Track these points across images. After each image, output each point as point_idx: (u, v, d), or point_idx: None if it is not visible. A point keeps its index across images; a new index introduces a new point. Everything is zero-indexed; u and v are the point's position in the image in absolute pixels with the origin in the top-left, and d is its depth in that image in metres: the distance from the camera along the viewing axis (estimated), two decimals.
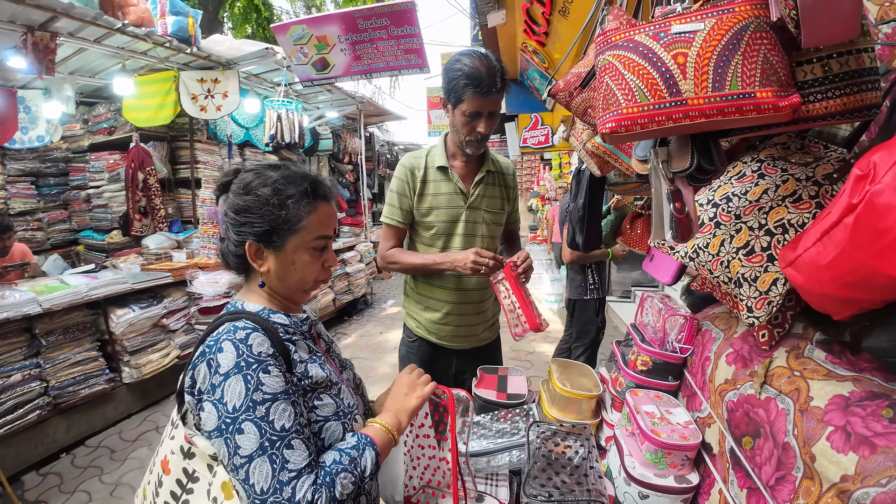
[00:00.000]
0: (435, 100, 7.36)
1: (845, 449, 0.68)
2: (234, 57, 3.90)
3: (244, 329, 0.79)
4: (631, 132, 0.74)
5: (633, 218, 1.53)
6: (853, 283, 0.66)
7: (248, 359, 0.76)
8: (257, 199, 0.86)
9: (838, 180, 0.88)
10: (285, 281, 0.91)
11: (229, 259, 0.92)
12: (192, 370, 0.79)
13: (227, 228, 0.89)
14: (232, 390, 0.74)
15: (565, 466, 0.99)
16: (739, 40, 0.67)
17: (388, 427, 0.89)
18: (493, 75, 1.40)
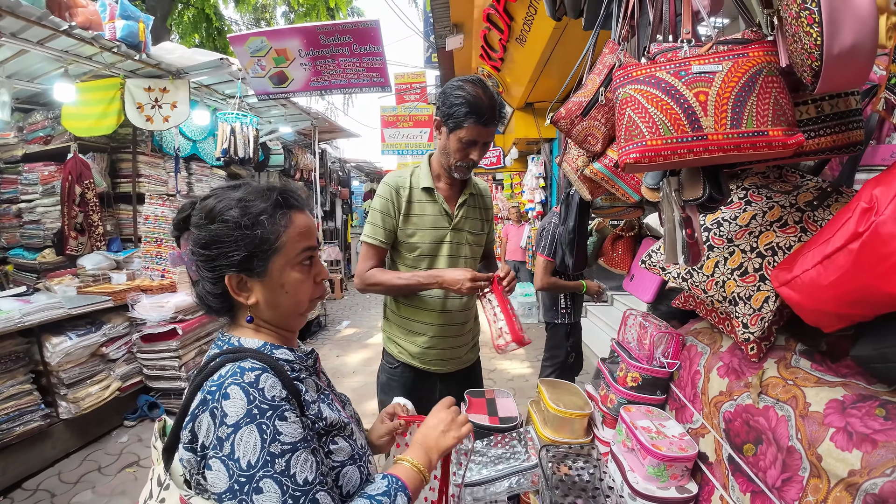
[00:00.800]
0: (390, 118, 7.39)
1: (849, 447, 0.75)
2: (185, 66, 3.73)
3: (252, 370, 0.69)
4: (654, 162, 0.80)
5: (613, 239, 1.62)
6: (854, 301, 0.75)
7: (260, 405, 0.67)
8: (226, 225, 0.76)
9: (818, 207, 0.99)
10: (278, 308, 0.82)
11: (209, 301, 0.80)
12: (192, 422, 0.68)
13: (197, 268, 0.78)
14: (245, 444, 0.65)
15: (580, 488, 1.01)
16: (754, 83, 0.75)
17: (420, 467, 0.81)
18: (494, 107, 1.45)
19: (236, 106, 4.16)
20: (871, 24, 0.59)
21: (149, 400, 3.39)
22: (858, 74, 0.65)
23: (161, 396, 3.45)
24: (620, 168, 0.84)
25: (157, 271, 3.73)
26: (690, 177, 0.87)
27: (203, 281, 0.79)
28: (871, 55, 0.63)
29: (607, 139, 1.13)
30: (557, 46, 4.05)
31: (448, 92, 1.47)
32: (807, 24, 0.62)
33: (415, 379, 1.71)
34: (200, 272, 0.78)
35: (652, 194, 0.97)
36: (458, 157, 1.51)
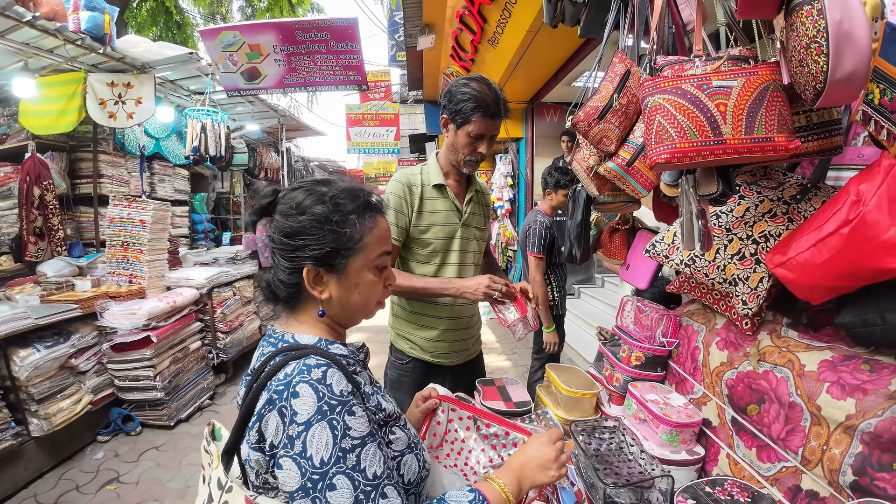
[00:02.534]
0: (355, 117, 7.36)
1: (843, 396, 0.91)
2: (151, 60, 3.58)
3: (318, 367, 0.70)
4: (681, 162, 0.93)
5: (610, 232, 1.76)
6: (843, 275, 0.91)
7: (330, 401, 0.68)
8: (314, 219, 0.78)
9: (801, 200, 1.16)
10: (347, 308, 0.84)
11: (278, 290, 0.82)
12: (259, 422, 0.69)
13: (274, 256, 0.80)
14: (317, 441, 0.65)
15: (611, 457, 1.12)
16: (763, 97, 0.89)
17: (510, 495, 0.77)
18: (499, 101, 1.53)
19: (205, 102, 4.02)
20: (868, 55, 0.74)
21: (122, 413, 3.24)
22: (852, 95, 0.80)
23: (135, 408, 3.31)
24: (650, 166, 0.96)
25: (124, 277, 3.57)
26: (705, 175, 1.01)
27: (278, 269, 0.80)
28: (865, 80, 0.78)
29: (620, 140, 1.26)
30: (528, 50, 4.21)
31: (454, 90, 1.54)
32: (815, 55, 0.76)
33: (426, 373, 1.78)
34: (277, 260, 0.79)
35: (671, 190, 1.10)
36: (468, 152, 1.59)
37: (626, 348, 1.59)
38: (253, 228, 0.82)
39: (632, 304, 1.71)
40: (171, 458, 2.99)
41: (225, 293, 4.01)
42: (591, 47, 4.10)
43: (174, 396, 3.34)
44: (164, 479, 2.78)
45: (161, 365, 3.25)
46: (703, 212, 1.03)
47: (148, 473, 2.83)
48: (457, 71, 5.56)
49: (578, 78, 5.03)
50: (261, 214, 0.81)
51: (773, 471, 1.05)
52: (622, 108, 1.22)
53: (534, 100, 6.18)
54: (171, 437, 3.22)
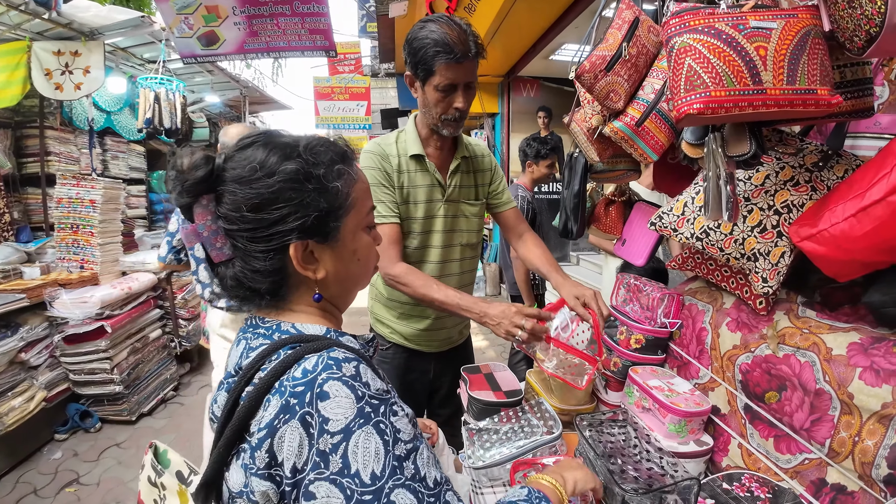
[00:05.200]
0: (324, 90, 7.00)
1: (878, 383, 0.81)
2: (100, 26, 3.23)
3: (348, 361, 0.56)
4: (716, 114, 0.79)
5: (605, 205, 1.64)
6: (886, 250, 0.80)
7: (371, 400, 0.54)
8: (290, 179, 0.60)
9: (823, 168, 1.05)
10: (346, 281, 0.70)
11: (255, 283, 0.63)
12: (270, 438, 0.52)
13: (240, 242, 0.62)
14: (364, 451, 0.51)
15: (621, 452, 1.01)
16: (805, 43, 0.76)
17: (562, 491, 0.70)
18: (466, 39, 1.24)
19: (159, 70, 3.68)
20: None
21: (80, 409, 3.02)
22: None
23: (93, 403, 3.08)
24: (677, 120, 0.83)
25: (74, 262, 3.27)
26: (735, 133, 0.88)
27: (247, 257, 0.62)
28: None
29: (628, 96, 1.12)
30: (507, 19, 4.01)
31: (410, 38, 1.28)
32: None
33: (408, 359, 1.63)
34: (245, 246, 0.61)
35: (694, 150, 0.97)
36: (441, 110, 1.32)
37: (624, 330, 1.48)
38: (189, 214, 0.61)
39: (628, 282, 1.60)
40: (133, 455, 2.80)
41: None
42: (572, 17, 3.93)
43: (134, 389, 3.12)
44: (126, 478, 2.60)
45: (118, 356, 3.02)
46: (731, 176, 0.90)
47: (109, 473, 2.65)
48: None
49: (557, 51, 4.86)
50: (197, 193, 0.60)
51: (794, 463, 0.96)
52: (632, 59, 1.08)
53: (510, 73, 5.99)
54: (133, 433, 3.03)
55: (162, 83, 3.66)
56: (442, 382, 1.71)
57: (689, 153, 0.98)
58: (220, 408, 0.61)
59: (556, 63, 5.22)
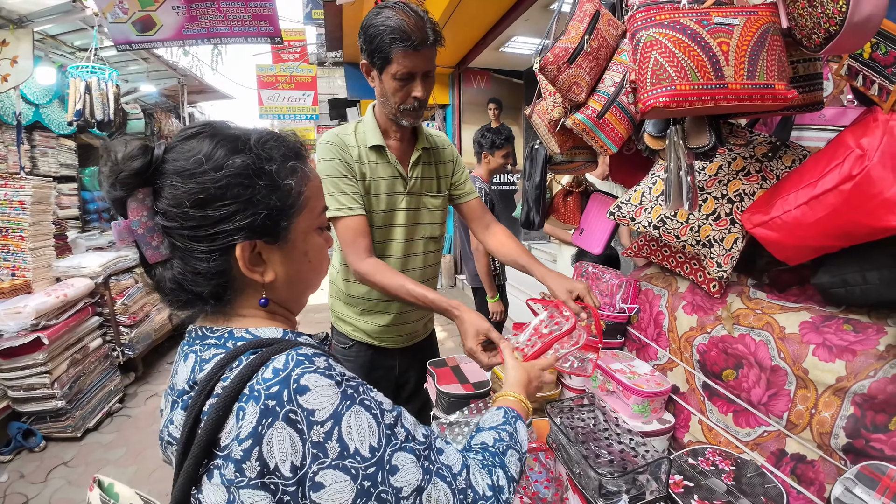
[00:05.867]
0: (268, 79, 6.68)
1: (831, 358, 0.88)
2: (29, 12, 2.93)
3: (316, 356, 0.55)
4: (680, 107, 0.82)
5: (564, 195, 1.67)
6: (836, 235, 0.86)
7: (349, 382, 0.55)
8: (239, 174, 0.56)
9: (773, 158, 1.11)
10: (297, 285, 0.67)
11: (196, 286, 0.58)
12: (256, 447, 0.49)
13: (181, 240, 0.56)
14: (359, 428, 0.52)
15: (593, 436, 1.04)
16: (764, 39, 0.80)
17: (525, 401, 0.80)
18: (423, 26, 1.20)
19: (90, 59, 3.36)
20: None
21: (22, 427, 2.76)
22: (863, 41, 0.73)
23: (36, 421, 2.83)
24: (642, 112, 0.85)
25: (5, 269, 2.95)
26: (695, 125, 0.91)
27: (188, 258, 0.57)
28: (878, 26, 0.70)
29: (590, 89, 1.13)
30: (458, 10, 3.99)
31: (365, 25, 1.24)
32: None
33: (373, 357, 1.59)
34: (185, 245, 0.56)
35: (656, 142, 1.00)
36: (399, 99, 1.28)
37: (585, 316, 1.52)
38: (122, 209, 0.56)
39: (586, 270, 1.65)
40: (83, 473, 2.61)
41: (125, 281, 3.50)
42: (522, 10, 3.95)
43: (77, 404, 2.89)
44: (77, 498, 2.42)
45: (58, 370, 2.78)
46: (691, 166, 0.93)
47: (60, 493, 2.46)
48: None
49: (507, 42, 4.89)
50: (132, 186, 0.55)
51: (754, 436, 1.02)
52: (593, 52, 1.09)
53: (461, 65, 5.97)
54: (80, 450, 2.81)
55: (94, 72, 3.35)
56: (408, 378, 1.69)
57: (651, 145, 1.01)
58: (178, 428, 0.57)
59: (507, 55, 5.26)
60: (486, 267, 2.76)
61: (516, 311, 4.63)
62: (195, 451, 0.52)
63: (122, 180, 0.54)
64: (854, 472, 0.70)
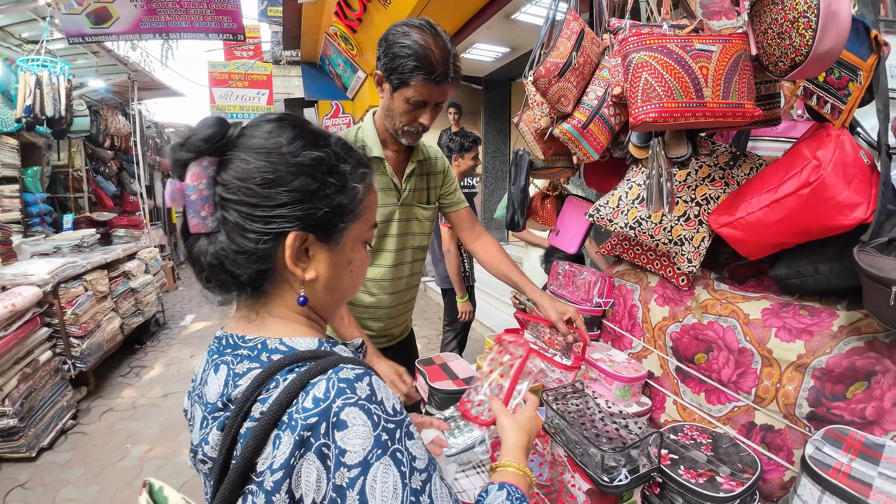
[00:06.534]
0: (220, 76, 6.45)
1: (792, 339, 1.01)
2: None
3: (358, 378, 0.51)
4: (666, 122, 0.92)
5: (541, 198, 1.77)
6: (795, 233, 1.00)
7: (387, 425, 0.50)
8: (314, 166, 0.57)
9: (733, 166, 1.25)
10: (335, 292, 0.65)
11: (237, 267, 0.56)
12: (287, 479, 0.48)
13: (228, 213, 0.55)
14: (382, 486, 0.48)
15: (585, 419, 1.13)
16: (737, 64, 0.92)
17: (528, 473, 0.70)
18: (448, 60, 1.22)
19: (41, 52, 3.13)
20: (845, 35, 0.78)
21: None
22: (823, 69, 0.85)
23: None
24: (633, 126, 0.95)
25: None
26: (675, 138, 1.02)
27: (236, 234, 0.55)
28: (837, 57, 0.83)
29: (576, 101, 1.23)
30: (424, 13, 4.04)
31: (391, 40, 1.22)
32: (802, 28, 0.79)
33: None
34: (237, 222, 0.55)
35: (639, 152, 1.10)
36: (405, 121, 1.31)
37: None
38: (181, 172, 0.55)
39: (563, 268, 1.76)
40: (40, 495, 2.44)
41: (74, 289, 3.29)
42: (484, 19, 4.06)
43: (30, 421, 2.69)
44: None
45: (8, 385, 2.58)
46: (670, 174, 1.05)
47: None
48: (343, 32, 5.15)
49: (468, 49, 5.00)
50: (200, 151, 0.55)
51: (725, 411, 1.15)
52: (579, 68, 1.19)
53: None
54: (36, 470, 2.63)
55: (45, 66, 3.13)
56: None
57: (636, 154, 1.12)
58: (213, 448, 0.55)
59: (467, 61, 5.37)
60: (457, 268, 2.84)
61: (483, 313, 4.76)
62: (233, 476, 0.50)
63: (192, 143, 0.54)
64: (821, 435, 0.83)
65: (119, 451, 2.80)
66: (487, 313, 4.94)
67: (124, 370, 4.03)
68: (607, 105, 1.22)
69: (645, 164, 1.13)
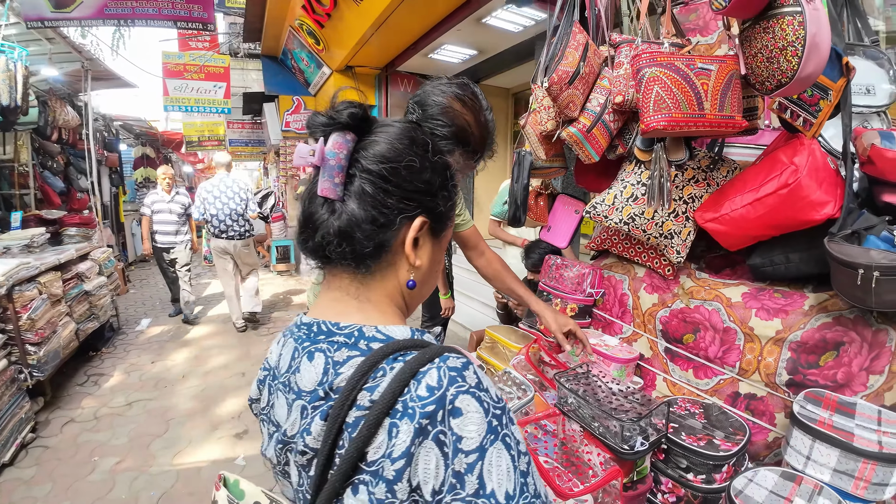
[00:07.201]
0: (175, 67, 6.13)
1: (770, 317, 1.18)
2: None
3: (465, 367, 0.52)
4: (672, 130, 1.06)
5: (535, 196, 1.89)
6: (773, 226, 1.16)
7: (495, 411, 0.51)
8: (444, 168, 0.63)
9: (714, 169, 1.41)
10: (424, 286, 0.68)
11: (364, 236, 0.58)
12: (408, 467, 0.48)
13: (366, 186, 0.57)
14: (497, 470, 0.49)
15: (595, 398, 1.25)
16: (731, 82, 1.06)
17: None
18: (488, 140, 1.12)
19: None
20: (825, 61, 0.93)
21: None
22: (803, 89, 1.00)
23: None
24: (644, 132, 1.07)
25: None
26: (675, 144, 1.16)
27: (372, 205, 0.57)
28: (816, 79, 0.98)
29: (581, 107, 1.35)
30: (392, 16, 4.05)
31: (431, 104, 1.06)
32: (790, 56, 0.93)
33: None
34: (381, 194, 0.57)
35: (643, 155, 1.24)
36: None
37: (558, 302, 1.76)
38: (324, 136, 0.58)
39: (554, 262, 1.89)
40: None
41: (28, 292, 3.08)
42: (455, 21, 4.12)
43: None
44: None
45: None
46: (669, 174, 1.18)
47: None
48: (309, 26, 5.07)
49: (437, 50, 5.06)
50: (345, 125, 0.58)
51: (712, 384, 1.31)
52: (585, 77, 1.30)
53: (388, 67, 6.03)
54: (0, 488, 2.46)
55: (2, 51, 2.89)
56: None
57: (640, 157, 1.25)
58: (316, 438, 0.54)
59: (435, 61, 5.42)
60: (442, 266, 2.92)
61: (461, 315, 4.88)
62: (343, 466, 0.50)
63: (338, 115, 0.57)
64: (802, 397, 0.99)
65: (87, 465, 2.66)
66: (461, 311, 5.05)
67: (81, 378, 3.81)
68: (608, 112, 1.35)
69: (647, 166, 1.27)
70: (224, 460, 2.74)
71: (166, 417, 3.23)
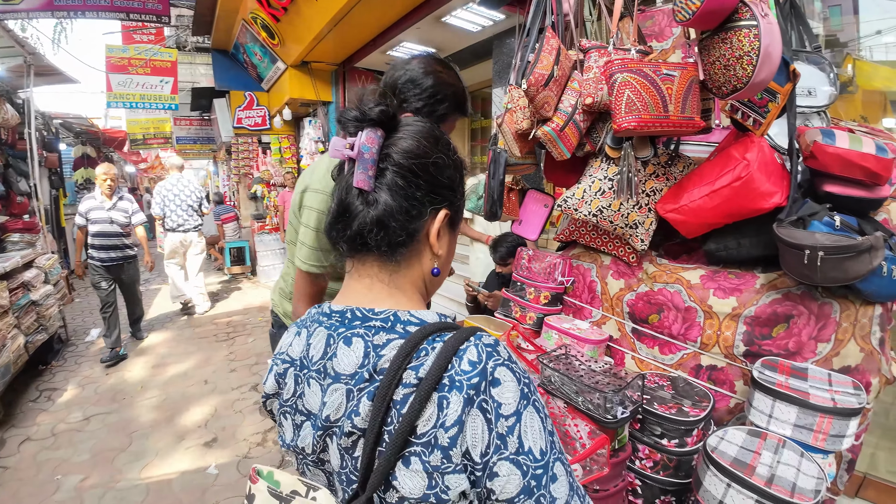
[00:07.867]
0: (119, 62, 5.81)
1: (726, 296, 1.32)
2: None
3: (496, 343, 0.59)
4: (642, 130, 1.17)
5: (507, 191, 1.98)
6: (727, 215, 1.30)
7: (524, 380, 0.58)
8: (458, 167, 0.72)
9: (671, 165, 1.55)
10: (442, 274, 0.73)
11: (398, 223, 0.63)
12: (461, 434, 0.53)
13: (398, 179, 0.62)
14: (532, 430, 0.56)
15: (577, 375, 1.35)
16: (691, 87, 1.18)
17: None
18: None
19: None
20: (776, 69, 1.06)
21: None
22: (755, 93, 1.13)
23: None
24: (616, 132, 1.17)
25: None
26: (642, 142, 1.27)
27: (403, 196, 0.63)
28: (767, 84, 1.11)
29: (555, 107, 1.44)
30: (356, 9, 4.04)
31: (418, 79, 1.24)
32: (745, 64, 1.05)
33: None
34: (411, 187, 0.63)
35: (614, 152, 1.34)
36: None
37: (532, 291, 1.86)
38: (354, 129, 0.63)
39: (526, 253, 1.99)
40: None
41: None
42: (415, 20, 4.15)
43: None
44: None
45: None
46: (636, 170, 1.30)
47: None
48: (264, 20, 4.95)
49: (396, 47, 5.08)
50: (376, 122, 0.63)
51: (676, 359, 1.45)
52: (559, 79, 1.40)
53: (346, 63, 5.98)
54: None
55: None
56: None
57: (610, 154, 1.36)
58: (364, 419, 0.57)
59: (394, 59, 5.43)
60: None
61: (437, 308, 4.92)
62: (396, 441, 0.54)
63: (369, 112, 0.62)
64: (760, 364, 1.13)
65: (50, 484, 2.55)
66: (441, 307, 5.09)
67: (33, 394, 3.60)
68: (579, 112, 1.45)
69: (615, 162, 1.38)
70: (195, 470, 2.69)
71: (128, 430, 3.12)
